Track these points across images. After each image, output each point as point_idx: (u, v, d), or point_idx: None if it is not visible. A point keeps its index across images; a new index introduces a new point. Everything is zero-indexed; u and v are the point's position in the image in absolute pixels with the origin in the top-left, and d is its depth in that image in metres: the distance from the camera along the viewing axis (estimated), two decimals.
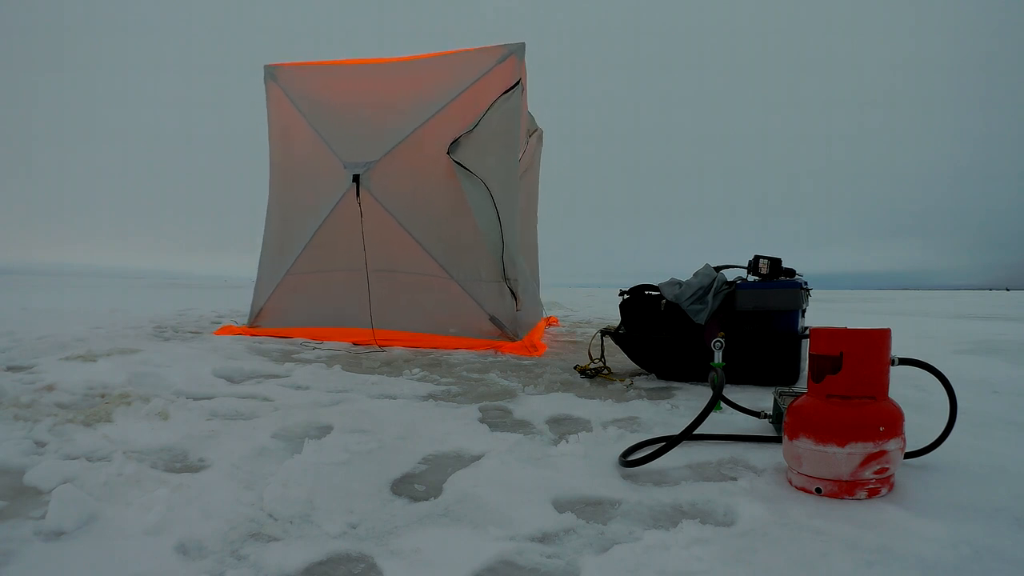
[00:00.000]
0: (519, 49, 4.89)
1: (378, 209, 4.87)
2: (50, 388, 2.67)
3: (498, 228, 4.80)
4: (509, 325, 4.77)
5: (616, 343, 3.75)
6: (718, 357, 2.67)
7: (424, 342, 4.77)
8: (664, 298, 3.48)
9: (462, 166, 4.73)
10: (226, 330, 5.33)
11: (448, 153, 4.73)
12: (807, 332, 2.47)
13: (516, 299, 4.84)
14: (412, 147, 4.91)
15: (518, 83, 4.85)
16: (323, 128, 5.13)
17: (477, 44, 5.70)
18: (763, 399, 2.85)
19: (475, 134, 4.77)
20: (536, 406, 2.72)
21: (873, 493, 1.61)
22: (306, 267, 5.17)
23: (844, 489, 1.60)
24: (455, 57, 5.07)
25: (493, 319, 4.77)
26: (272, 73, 5.37)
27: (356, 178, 4.82)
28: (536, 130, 6.76)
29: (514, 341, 4.68)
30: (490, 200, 4.79)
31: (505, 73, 4.86)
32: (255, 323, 5.34)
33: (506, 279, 4.80)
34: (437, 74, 5.06)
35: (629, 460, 1.86)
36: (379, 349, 4.60)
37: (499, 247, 4.79)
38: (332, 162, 4.99)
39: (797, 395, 2.14)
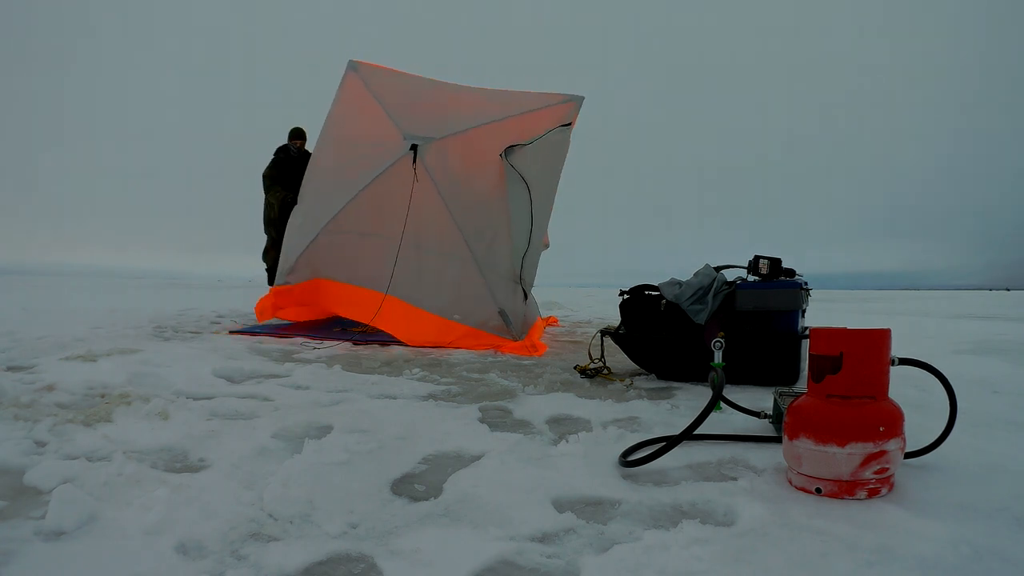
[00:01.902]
0: (579, 100, 5.49)
1: (427, 181, 5.11)
2: (50, 388, 2.67)
3: (527, 233, 5.07)
4: (514, 322, 4.83)
5: (616, 343, 3.75)
6: (718, 357, 2.67)
7: (426, 328, 4.86)
8: (664, 298, 3.48)
9: (514, 168, 4.97)
10: (263, 307, 5.55)
11: (502, 155, 4.97)
12: (807, 332, 2.47)
13: (526, 297, 5.05)
14: (469, 138, 5.28)
15: (569, 124, 5.38)
16: (391, 107, 5.49)
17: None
18: (763, 399, 2.85)
19: (530, 147, 5.07)
20: (536, 406, 2.72)
21: (873, 493, 1.61)
22: (344, 225, 5.42)
23: (844, 489, 1.60)
24: (520, 92, 5.73)
25: (502, 312, 4.85)
26: (354, 66, 5.80)
27: (415, 148, 5.11)
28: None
29: (515, 341, 4.71)
30: (529, 206, 5.07)
31: (562, 112, 5.41)
32: (287, 280, 5.51)
33: (521, 279, 4.99)
34: (501, 98, 5.65)
35: (629, 460, 1.86)
36: (379, 349, 4.60)
37: (523, 248, 5.03)
38: (393, 134, 5.30)
39: (797, 395, 2.14)
